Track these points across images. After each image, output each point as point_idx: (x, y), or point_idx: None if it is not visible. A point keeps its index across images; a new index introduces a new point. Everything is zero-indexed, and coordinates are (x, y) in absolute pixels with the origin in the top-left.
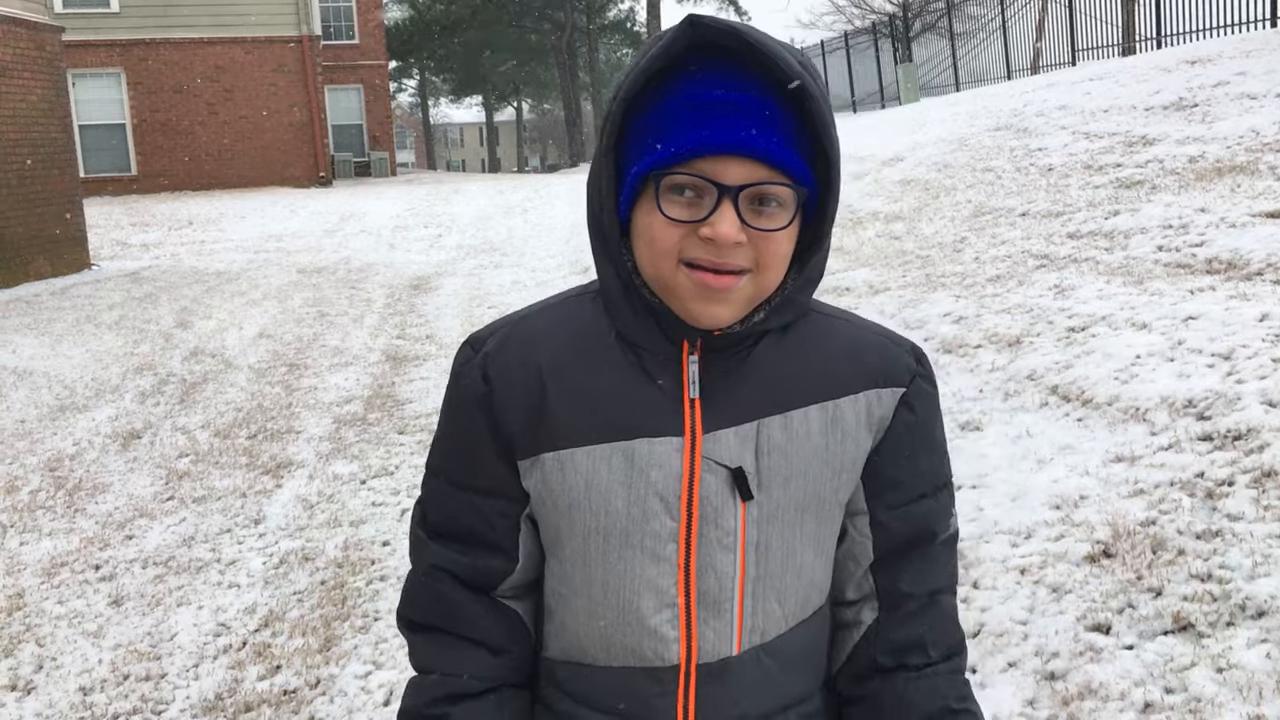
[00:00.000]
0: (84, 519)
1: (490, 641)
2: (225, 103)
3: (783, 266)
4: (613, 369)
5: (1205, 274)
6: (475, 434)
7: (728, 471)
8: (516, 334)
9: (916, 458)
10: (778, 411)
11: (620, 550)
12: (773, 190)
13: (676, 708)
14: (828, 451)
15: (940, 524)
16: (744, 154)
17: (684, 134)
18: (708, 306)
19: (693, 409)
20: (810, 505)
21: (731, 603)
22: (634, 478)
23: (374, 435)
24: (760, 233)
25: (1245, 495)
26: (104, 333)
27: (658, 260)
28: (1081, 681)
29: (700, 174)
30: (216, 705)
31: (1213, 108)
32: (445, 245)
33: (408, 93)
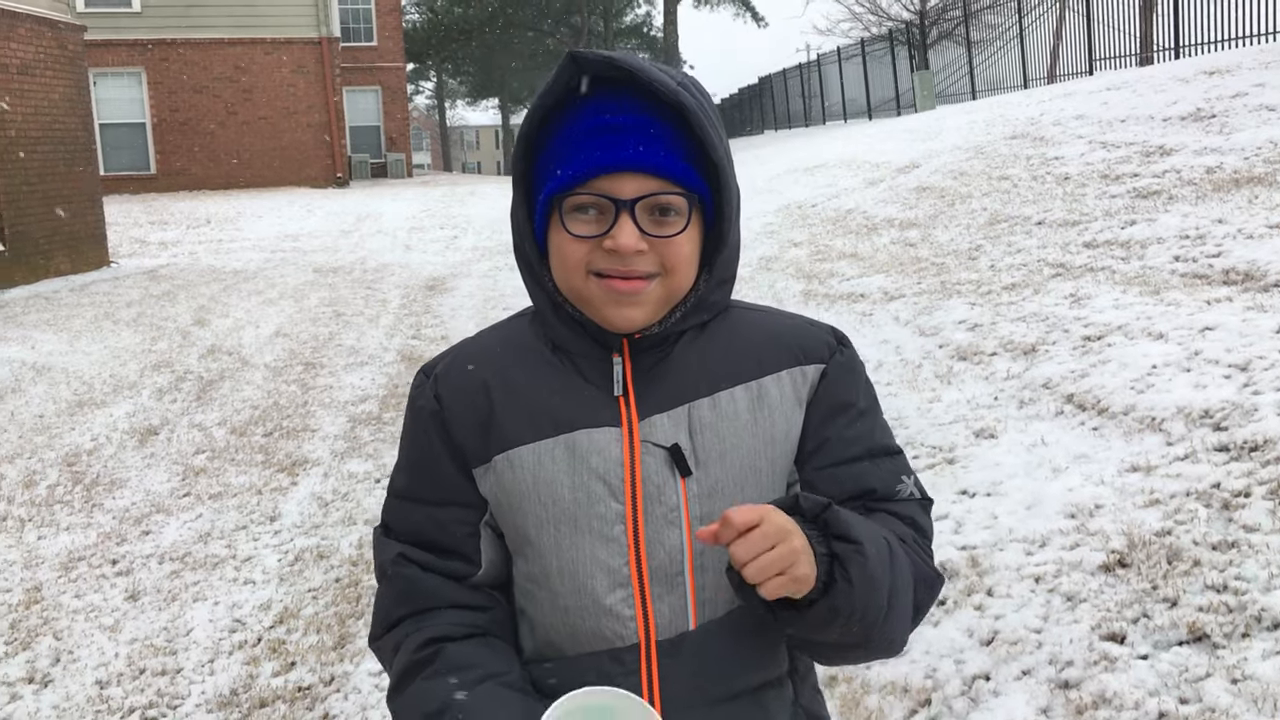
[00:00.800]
0: (101, 514)
1: (469, 603)
2: (244, 103)
3: (689, 267)
4: (551, 375)
5: (1222, 285)
6: (432, 451)
7: (665, 451)
8: (462, 355)
9: (841, 421)
10: (705, 395)
11: (571, 536)
12: (665, 199)
13: (641, 686)
14: (756, 426)
15: (881, 484)
16: (635, 169)
17: (580, 157)
18: (620, 310)
19: (627, 401)
20: (749, 479)
21: (683, 577)
22: (576, 465)
23: (389, 435)
24: (660, 239)
25: (1262, 506)
26: (122, 329)
27: (569, 275)
28: (1096, 691)
29: (598, 192)
30: (232, 701)
31: (1231, 119)
32: (461, 246)
33: (424, 95)
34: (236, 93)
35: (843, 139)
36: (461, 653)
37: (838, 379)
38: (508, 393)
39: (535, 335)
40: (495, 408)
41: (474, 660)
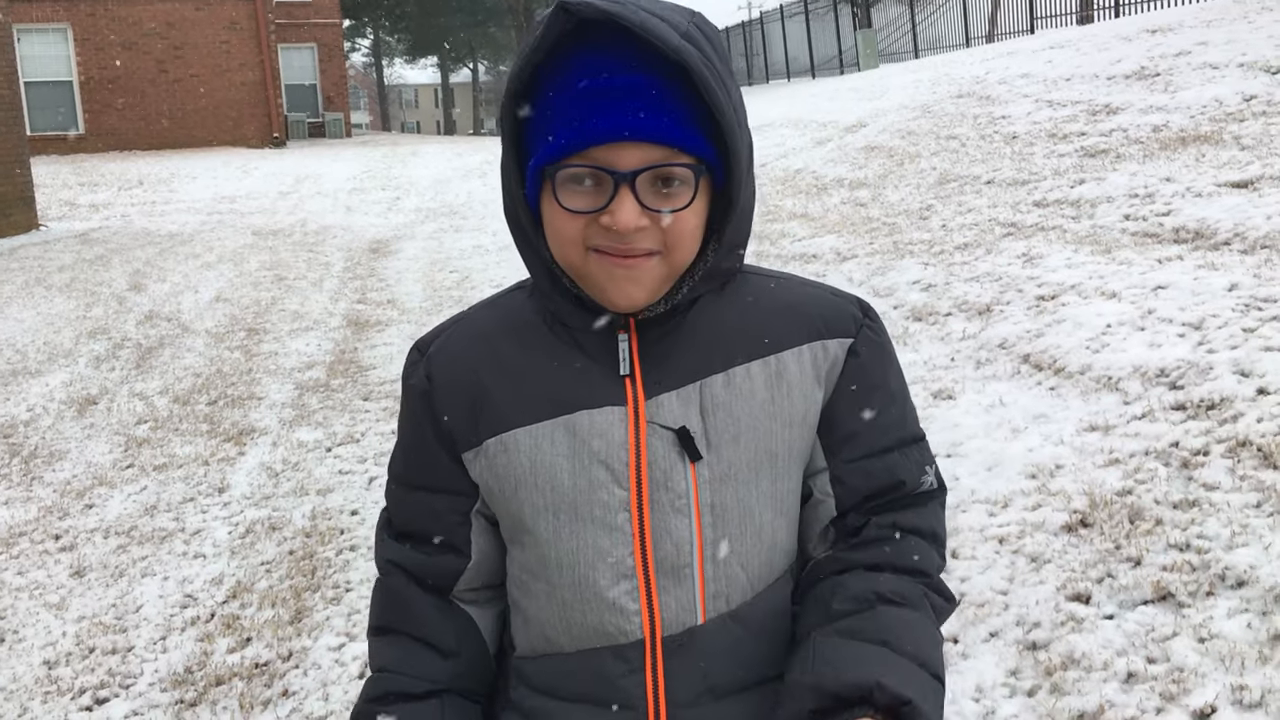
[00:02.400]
0: (41, 487)
1: (440, 643)
2: (175, 60)
3: (692, 243)
4: (549, 351)
5: (1173, 243)
6: (423, 433)
7: (672, 433)
8: (457, 332)
9: (872, 409)
10: (719, 370)
11: (571, 525)
12: (671, 171)
13: (645, 685)
14: (774, 405)
15: (909, 477)
16: (636, 138)
17: (574, 124)
18: (621, 287)
19: (632, 379)
20: (764, 462)
21: (691, 568)
22: (577, 449)
23: (338, 402)
24: (662, 214)
25: (1221, 465)
26: (55, 295)
27: (566, 251)
28: (1064, 651)
29: (594, 163)
30: (186, 679)
31: (1175, 77)
32: (404, 208)
33: (361, 53)
34: (167, 49)
35: (787, 98)
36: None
37: (868, 357)
38: (502, 371)
39: (533, 309)
40: (488, 388)
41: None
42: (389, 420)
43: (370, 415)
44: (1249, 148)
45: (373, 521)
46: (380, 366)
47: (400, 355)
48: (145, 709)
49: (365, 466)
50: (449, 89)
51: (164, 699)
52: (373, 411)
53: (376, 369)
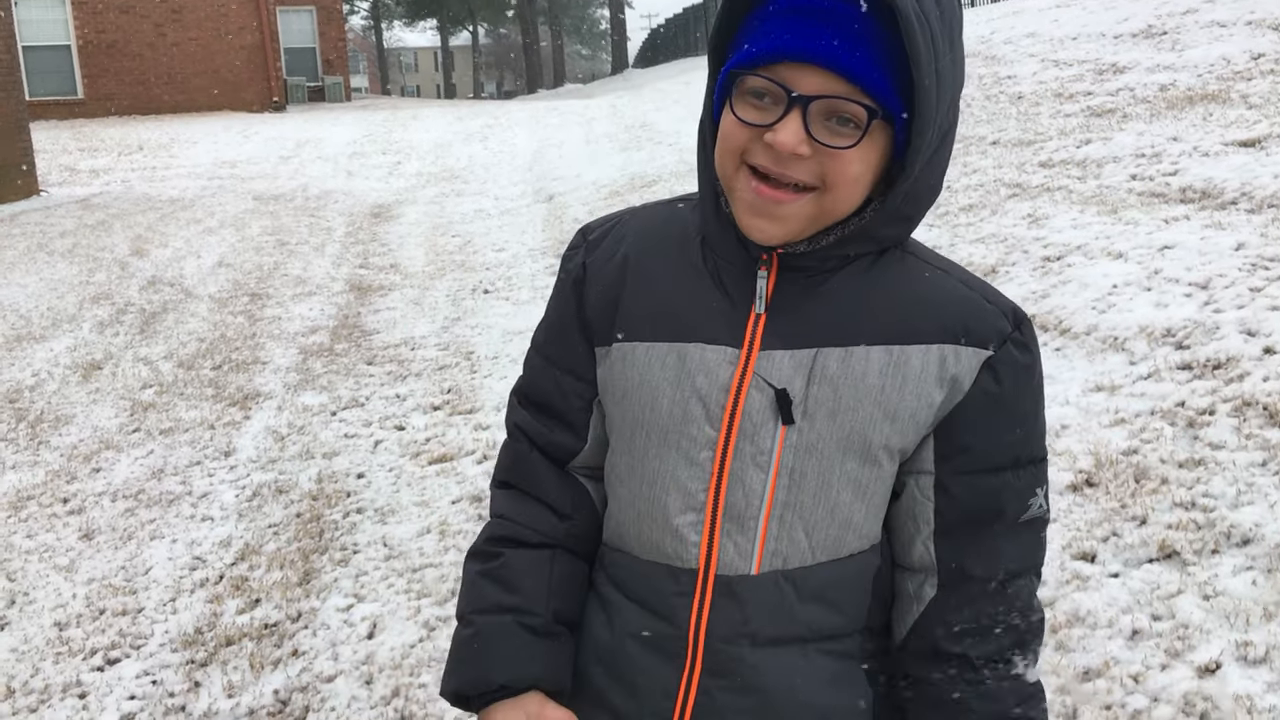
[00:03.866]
0: (48, 451)
1: (557, 505)
2: (174, 23)
3: (853, 190)
4: (689, 273)
5: (1180, 203)
6: (568, 316)
7: (773, 391)
8: (619, 231)
9: (995, 427)
10: (840, 344)
11: (659, 448)
12: (846, 107)
13: (691, 611)
14: (883, 395)
15: (1014, 503)
16: (822, 64)
17: (771, 36)
18: (757, 219)
19: (755, 324)
20: (855, 445)
21: (756, 521)
22: (681, 379)
23: (342, 366)
24: (826, 148)
25: (1226, 424)
26: (57, 261)
27: (723, 159)
28: (1069, 609)
29: (777, 79)
30: (196, 639)
31: (1182, 35)
32: (404, 173)
33: (360, 15)
34: (165, 13)
35: None
36: (517, 566)
37: (1007, 376)
38: (645, 281)
39: (688, 223)
40: (630, 293)
41: (518, 583)
42: (393, 384)
43: (375, 379)
44: (1256, 106)
45: (378, 485)
46: (384, 331)
47: (403, 320)
48: (156, 669)
49: (370, 430)
50: (449, 52)
51: (175, 659)
52: (377, 375)
53: (380, 333)
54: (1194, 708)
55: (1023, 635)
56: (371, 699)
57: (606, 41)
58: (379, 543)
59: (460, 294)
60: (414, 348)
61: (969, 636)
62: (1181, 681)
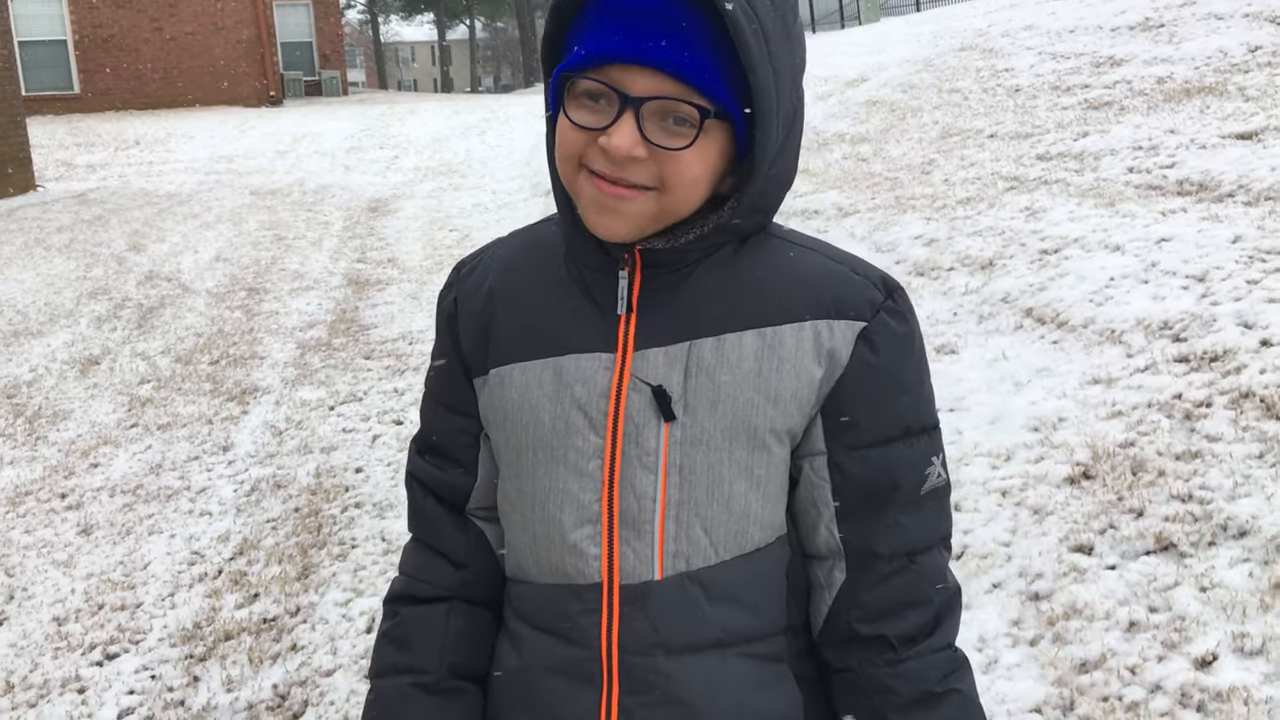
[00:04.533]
0: (46, 447)
1: (452, 553)
2: (170, 18)
3: (692, 191)
4: (556, 287)
5: (1177, 195)
6: (448, 353)
7: (650, 389)
8: (485, 259)
9: (880, 399)
10: (713, 333)
11: (547, 465)
12: (679, 108)
13: (600, 627)
14: (760, 379)
15: (910, 474)
16: (654, 66)
17: (600, 38)
18: (600, 216)
19: (626, 326)
20: (740, 433)
21: (652, 524)
22: (560, 393)
23: (340, 360)
24: (661, 150)
25: (1224, 416)
26: (54, 256)
27: (562, 163)
28: (1066, 602)
29: (608, 81)
30: (195, 634)
31: (1179, 28)
32: (402, 167)
33: (357, 9)
34: (161, 7)
35: None
36: (409, 624)
37: (882, 344)
38: (512, 304)
39: (554, 239)
40: (498, 319)
41: (410, 642)
42: (391, 379)
43: (372, 374)
44: (1253, 99)
45: (376, 479)
46: (381, 325)
47: (401, 314)
48: (155, 664)
49: (369, 425)
50: (445, 46)
51: (174, 654)
52: (375, 370)
53: (378, 327)
54: (1191, 699)
55: (938, 610)
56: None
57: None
58: (377, 537)
59: None
60: (412, 342)
61: (886, 617)
62: (1178, 673)
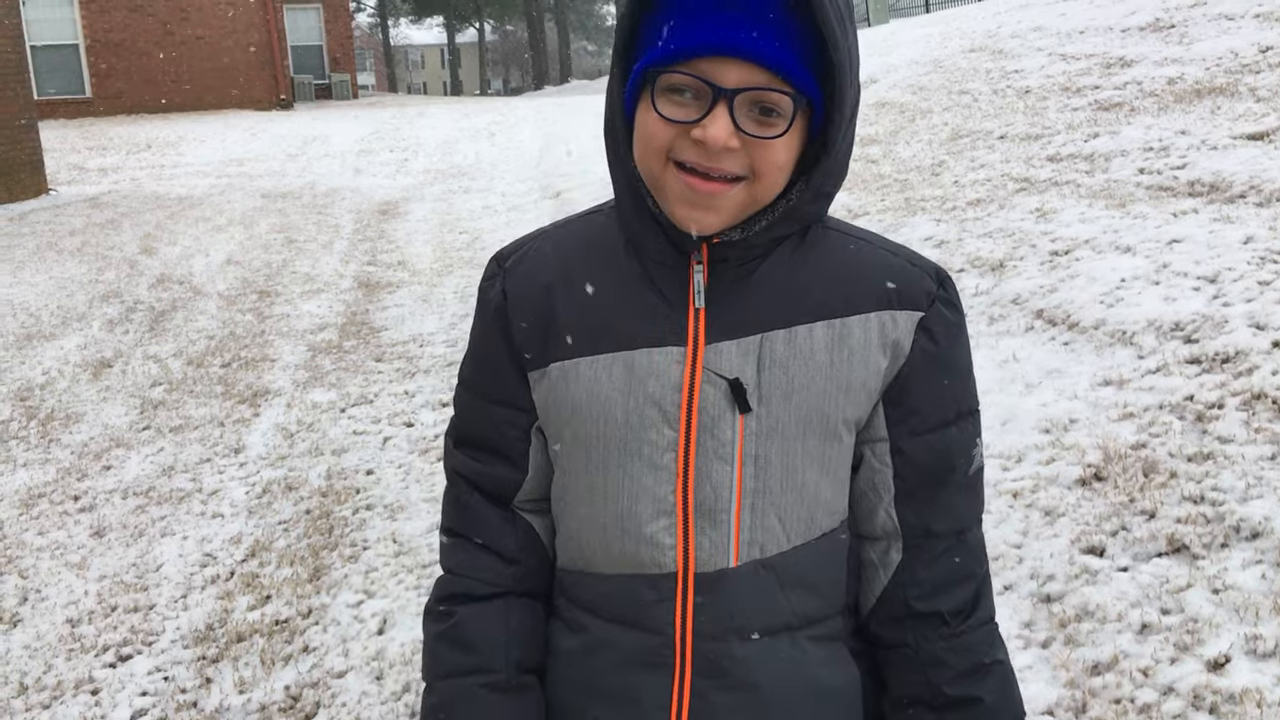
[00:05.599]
0: (59, 449)
1: (502, 550)
2: (181, 22)
3: (779, 175)
4: (620, 280)
5: (1188, 196)
6: (494, 346)
7: (726, 382)
8: (534, 249)
9: (937, 384)
10: (782, 326)
11: (620, 458)
12: (770, 97)
13: (675, 615)
14: (832, 369)
15: (962, 455)
16: (743, 57)
17: (686, 32)
18: (693, 211)
19: (697, 319)
20: (813, 422)
21: (728, 514)
22: (633, 387)
23: (351, 363)
24: (754, 139)
25: (1235, 418)
26: (67, 259)
27: (649, 158)
28: (1078, 604)
29: (698, 74)
30: (208, 636)
31: (1190, 29)
32: (412, 170)
33: (367, 13)
34: (173, 11)
35: None
36: (471, 624)
37: (940, 333)
38: (573, 296)
39: (608, 231)
40: (557, 313)
41: (474, 642)
42: (402, 381)
43: (383, 376)
44: (1265, 99)
45: (387, 481)
46: (392, 328)
47: (411, 317)
48: (168, 665)
49: (379, 427)
50: (455, 49)
51: (186, 655)
52: (385, 372)
53: (388, 330)
54: (1203, 701)
55: (982, 584)
56: (382, 694)
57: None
58: (388, 539)
59: (468, 291)
60: (422, 344)
61: (940, 593)
62: (1191, 675)
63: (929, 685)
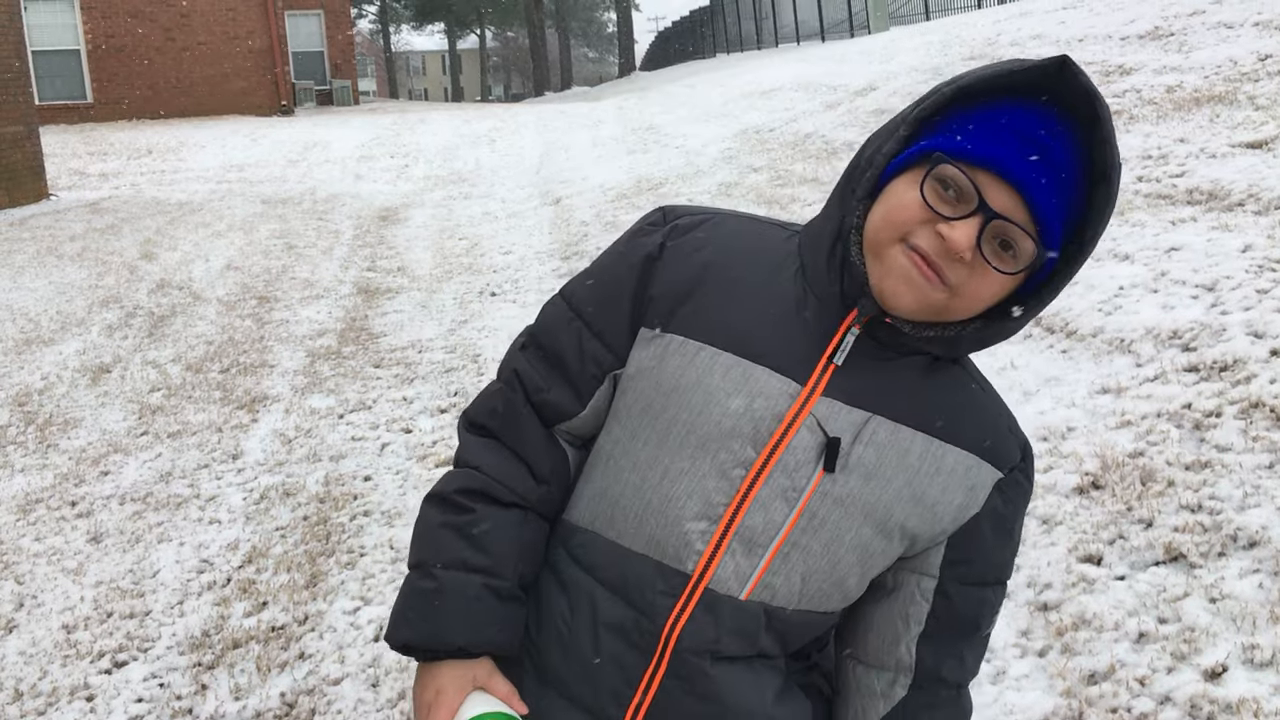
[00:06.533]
0: (57, 454)
1: (536, 466)
2: (182, 28)
3: (978, 306)
4: (776, 299)
5: (1186, 205)
6: (623, 284)
7: (824, 437)
8: (709, 225)
9: (994, 546)
10: (894, 419)
11: (695, 450)
12: (1017, 235)
13: (671, 612)
14: (916, 477)
15: (990, 616)
16: (1020, 192)
17: (990, 144)
18: (902, 287)
19: (825, 370)
20: (878, 513)
21: (764, 551)
22: (739, 395)
23: (349, 369)
24: (985, 265)
25: (1233, 426)
26: (66, 264)
27: (883, 228)
28: (1075, 612)
29: (976, 183)
30: (204, 642)
31: (1189, 37)
32: (412, 176)
33: (368, 19)
34: (174, 17)
35: (796, 61)
36: (489, 526)
37: (1012, 499)
38: (727, 284)
39: (784, 252)
40: (707, 290)
41: (490, 544)
42: (400, 387)
43: (382, 382)
44: (1264, 108)
45: (385, 488)
46: (391, 334)
47: (410, 323)
48: (164, 671)
49: (378, 433)
50: (456, 55)
51: (182, 662)
52: (384, 378)
53: (387, 336)
54: (1200, 711)
55: None
56: (378, 702)
57: (614, 44)
58: (386, 545)
59: (467, 297)
60: (421, 350)
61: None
62: (1188, 685)
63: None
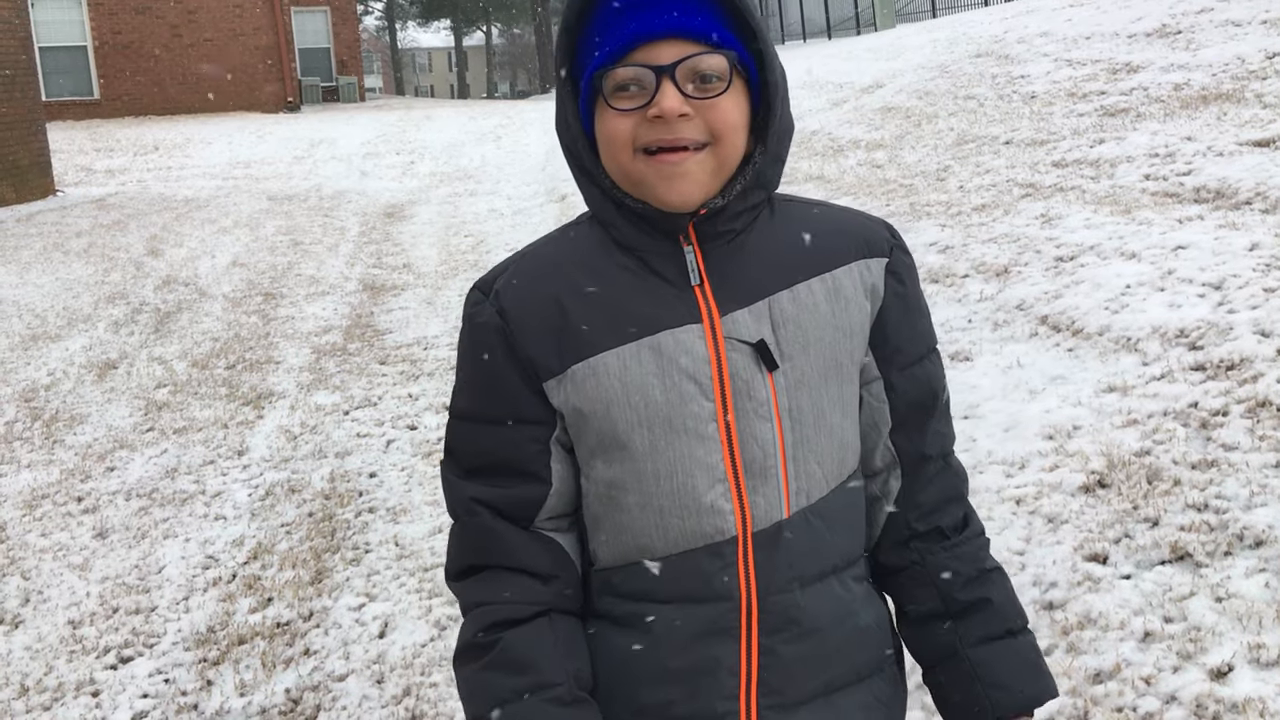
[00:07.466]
0: (63, 450)
1: (537, 569)
2: (189, 24)
3: (737, 134)
4: (623, 275)
5: (1194, 203)
6: (497, 367)
7: (750, 347)
8: (523, 268)
9: (910, 323)
10: (784, 287)
11: (667, 437)
12: (705, 61)
13: (738, 578)
14: (835, 318)
15: (940, 384)
16: (674, 35)
17: (617, 32)
18: (672, 184)
19: (704, 296)
20: (831, 369)
21: (776, 469)
22: (665, 367)
23: (355, 366)
24: (703, 101)
25: (1240, 425)
26: (73, 260)
27: (618, 155)
28: (1080, 611)
29: (637, 62)
30: (209, 638)
31: (1197, 34)
32: (418, 172)
33: (374, 16)
34: (180, 14)
35: (803, 59)
36: (520, 645)
37: (903, 274)
38: (581, 300)
39: (598, 238)
40: (569, 317)
41: (528, 660)
42: (406, 384)
43: (387, 379)
44: (1271, 106)
45: (390, 484)
46: (396, 330)
47: (416, 319)
48: (169, 667)
49: (383, 430)
50: (462, 52)
51: (187, 658)
52: (390, 375)
53: (393, 333)
54: (1206, 710)
55: (966, 497)
56: (383, 698)
57: None
58: (391, 542)
59: None
60: (426, 347)
61: (937, 511)
62: (1193, 684)
63: (941, 596)
